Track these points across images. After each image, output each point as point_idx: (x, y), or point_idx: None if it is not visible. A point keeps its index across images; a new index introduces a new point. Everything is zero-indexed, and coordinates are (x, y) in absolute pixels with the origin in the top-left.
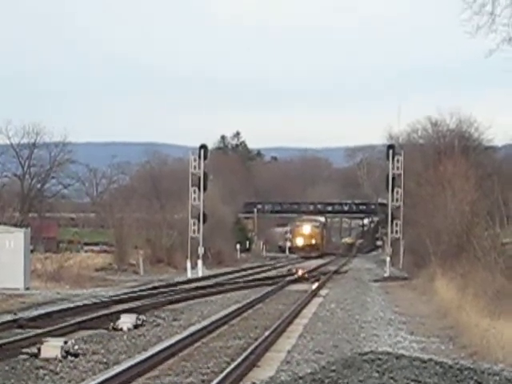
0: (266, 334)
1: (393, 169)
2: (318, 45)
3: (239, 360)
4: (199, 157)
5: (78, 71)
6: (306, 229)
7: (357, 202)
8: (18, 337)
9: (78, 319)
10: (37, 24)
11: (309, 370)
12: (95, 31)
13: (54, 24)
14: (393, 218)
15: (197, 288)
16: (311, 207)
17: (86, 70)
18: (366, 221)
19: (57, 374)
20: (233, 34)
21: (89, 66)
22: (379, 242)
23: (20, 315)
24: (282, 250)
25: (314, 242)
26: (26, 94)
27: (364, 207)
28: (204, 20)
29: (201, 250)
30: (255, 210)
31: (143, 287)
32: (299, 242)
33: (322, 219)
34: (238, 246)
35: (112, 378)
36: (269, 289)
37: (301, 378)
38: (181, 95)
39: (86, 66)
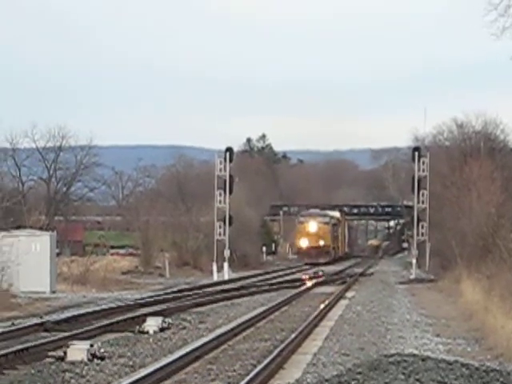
0: (293, 336)
1: (418, 171)
2: (343, 45)
3: (265, 362)
4: (225, 159)
5: (104, 75)
6: (312, 226)
7: (382, 204)
8: (45, 340)
9: (104, 322)
10: (62, 27)
11: (335, 373)
12: (119, 34)
13: (80, 27)
14: (419, 220)
15: (223, 291)
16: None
17: (111, 74)
18: (391, 223)
19: (83, 377)
20: (251, 33)
21: (115, 69)
22: (405, 244)
23: (46, 318)
24: None
25: (321, 243)
26: (50, 98)
27: (390, 209)
28: (226, 22)
29: (227, 253)
30: (281, 212)
31: (169, 290)
32: (303, 243)
33: (336, 214)
34: (263, 249)
35: (138, 381)
36: (295, 291)
37: (327, 380)
38: (207, 98)
39: (111, 69)
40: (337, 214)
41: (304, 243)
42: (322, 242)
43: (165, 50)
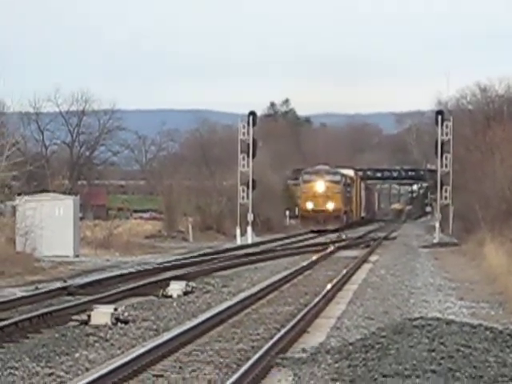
0: (316, 300)
1: (442, 135)
2: (366, 9)
3: (289, 326)
4: (248, 123)
5: (127, 38)
6: (319, 186)
7: (406, 168)
8: (68, 304)
9: (128, 286)
10: None
11: (359, 336)
12: None
13: None
14: (442, 184)
15: (246, 255)
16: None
17: (136, 37)
18: (415, 187)
19: (107, 340)
20: None
21: (138, 33)
22: (428, 208)
23: (70, 282)
24: None
25: (331, 206)
26: (74, 62)
27: (413, 173)
28: None
29: (250, 217)
30: None
31: (192, 254)
32: (308, 206)
33: (349, 172)
34: (287, 213)
35: (162, 344)
36: (318, 255)
37: (351, 343)
38: (230, 62)
39: (135, 32)
40: (350, 172)
41: (309, 206)
42: (331, 205)
43: (189, 13)
